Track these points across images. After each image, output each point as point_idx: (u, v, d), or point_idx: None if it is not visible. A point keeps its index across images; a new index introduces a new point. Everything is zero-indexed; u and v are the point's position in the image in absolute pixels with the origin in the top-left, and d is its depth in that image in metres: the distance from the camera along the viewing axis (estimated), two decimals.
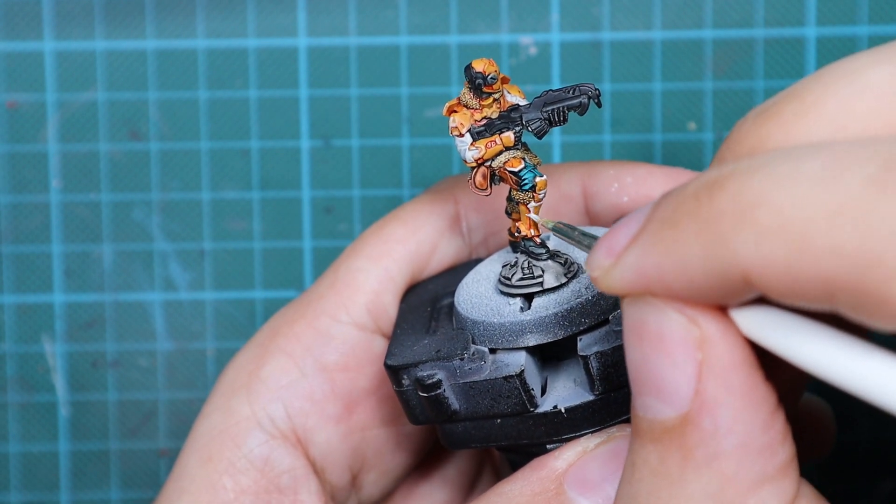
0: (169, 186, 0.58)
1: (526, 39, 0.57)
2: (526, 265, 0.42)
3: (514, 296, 0.42)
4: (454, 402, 0.42)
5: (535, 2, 0.57)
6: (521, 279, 0.42)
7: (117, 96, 0.57)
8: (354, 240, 0.48)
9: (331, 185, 0.58)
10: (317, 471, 0.46)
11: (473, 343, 0.42)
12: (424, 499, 0.50)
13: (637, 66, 0.57)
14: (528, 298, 0.42)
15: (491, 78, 0.41)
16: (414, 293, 0.47)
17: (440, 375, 0.41)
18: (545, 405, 0.41)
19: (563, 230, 0.40)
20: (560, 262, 0.42)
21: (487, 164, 0.42)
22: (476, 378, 0.41)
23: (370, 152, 0.58)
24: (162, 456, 0.59)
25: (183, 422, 0.59)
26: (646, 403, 0.33)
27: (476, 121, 0.42)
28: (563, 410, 0.41)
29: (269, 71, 0.57)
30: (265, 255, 0.58)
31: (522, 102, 0.42)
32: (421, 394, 0.41)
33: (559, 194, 0.47)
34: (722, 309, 0.32)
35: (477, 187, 0.42)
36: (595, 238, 0.38)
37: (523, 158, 0.42)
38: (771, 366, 0.33)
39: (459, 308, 0.43)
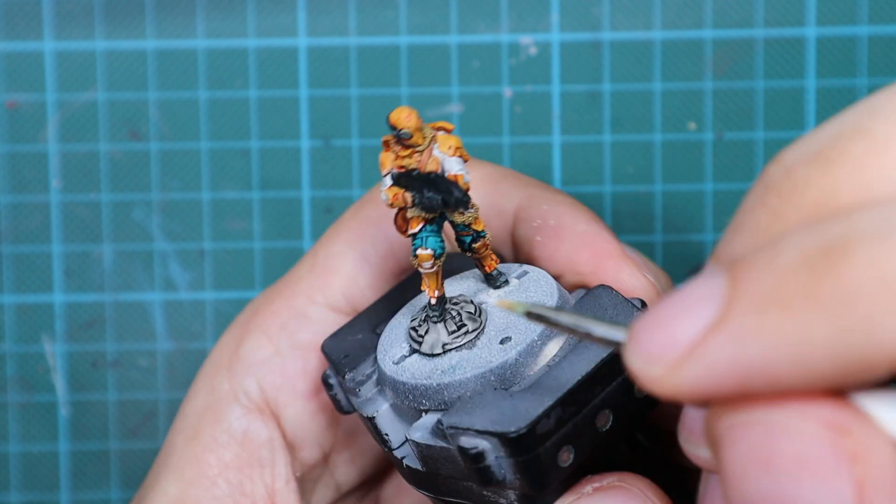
0: (169, 186, 0.58)
1: (526, 39, 0.57)
2: (421, 319, 0.41)
3: (409, 341, 0.41)
4: (344, 403, 0.43)
5: (535, 2, 0.57)
6: (412, 329, 0.41)
7: (117, 96, 0.57)
8: (334, 223, 0.48)
9: (331, 185, 0.58)
10: (288, 444, 0.47)
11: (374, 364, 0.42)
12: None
13: (637, 66, 0.57)
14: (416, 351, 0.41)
15: (403, 133, 0.38)
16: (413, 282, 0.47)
17: (333, 380, 0.43)
18: (399, 450, 0.41)
19: (538, 316, 0.33)
20: (448, 330, 0.40)
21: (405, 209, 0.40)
22: (350, 397, 0.43)
23: (370, 152, 0.58)
24: None
25: None
26: None
27: (398, 166, 0.39)
28: (404, 465, 0.41)
29: (269, 71, 0.57)
30: (265, 255, 0.58)
31: (448, 160, 0.39)
32: (325, 389, 0.44)
33: (495, 206, 0.46)
34: (853, 406, 0.27)
35: (397, 228, 0.40)
36: (585, 321, 0.31)
37: (425, 220, 0.40)
38: None
39: (382, 329, 0.43)
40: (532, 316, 0.33)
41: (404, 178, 0.38)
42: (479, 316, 0.40)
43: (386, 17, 0.57)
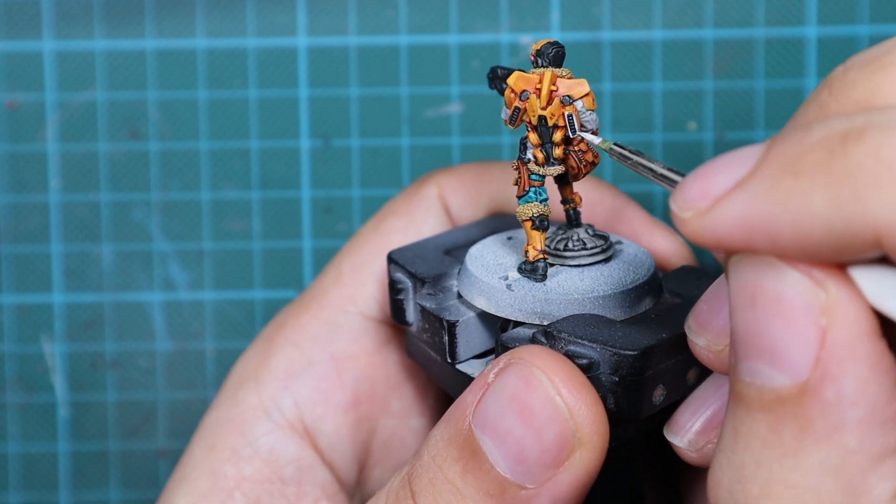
0: (169, 186, 0.58)
1: (526, 39, 0.57)
2: (575, 237, 0.43)
3: (550, 255, 0.43)
4: (410, 315, 0.44)
5: (535, 2, 0.57)
6: (562, 246, 0.43)
7: (117, 96, 0.57)
8: (352, 236, 0.49)
9: (330, 185, 0.58)
10: (326, 462, 0.46)
11: (458, 285, 0.43)
12: None
13: (637, 66, 0.57)
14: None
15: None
16: (499, 219, 0.49)
17: (406, 286, 0.44)
18: (464, 365, 0.42)
19: (620, 153, 0.38)
20: (573, 248, 0.43)
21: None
22: (427, 304, 0.43)
23: (370, 152, 0.58)
24: (161, 456, 0.59)
25: (182, 422, 0.59)
26: (754, 369, 0.31)
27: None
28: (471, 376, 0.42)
29: (269, 71, 0.57)
30: (265, 255, 0.58)
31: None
32: (389, 291, 0.45)
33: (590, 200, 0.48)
34: (842, 270, 0.30)
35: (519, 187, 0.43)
36: (656, 163, 0.37)
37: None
38: (888, 333, 0.31)
39: (471, 249, 0.44)
40: (614, 152, 0.38)
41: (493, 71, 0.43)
42: (598, 248, 0.43)
43: (386, 16, 0.57)
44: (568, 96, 0.41)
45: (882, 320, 0.31)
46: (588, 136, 0.40)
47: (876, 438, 0.30)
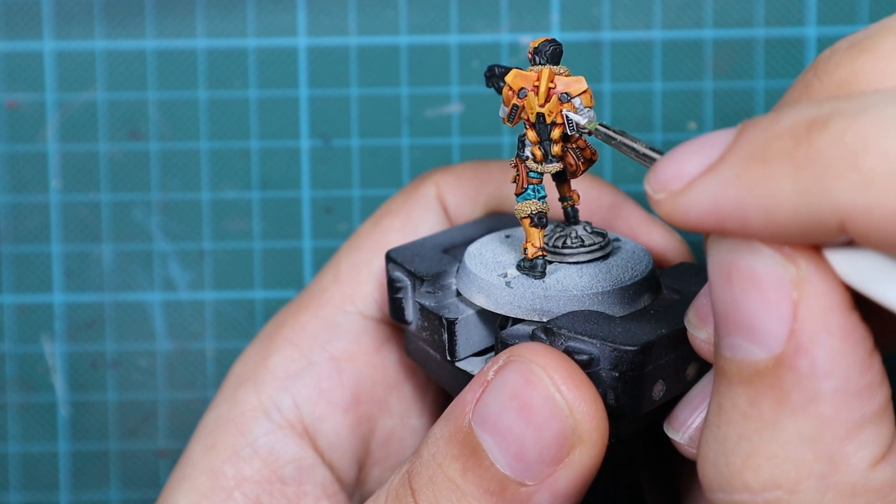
0: (169, 186, 0.58)
1: (526, 39, 0.57)
2: (574, 235, 0.43)
3: (548, 252, 0.43)
4: (409, 314, 0.44)
5: (535, 2, 0.57)
6: (561, 243, 0.43)
7: (117, 96, 0.57)
8: (351, 236, 0.49)
9: (331, 185, 0.58)
10: (326, 462, 0.46)
11: (456, 283, 0.44)
12: None
13: (637, 66, 0.57)
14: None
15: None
16: (496, 219, 0.49)
17: (405, 285, 0.44)
18: (463, 363, 0.43)
19: (605, 133, 0.39)
20: (572, 245, 0.43)
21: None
22: (426, 303, 0.43)
23: (370, 152, 0.58)
24: (161, 456, 0.59)
25: (183, 422, 0.59)
26: (734, 344, 0.32)
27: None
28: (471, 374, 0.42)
29: (269, 71, 0.57)
30: (265, 255, 0.58)
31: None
32: (387, 290, 0.45)
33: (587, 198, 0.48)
34: (815, 248, 0.31)
35: (518, 184, 0.43)
36: (638, 143, 0.38)
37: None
38: (865, 309, 0.32)
39: (457, 251, 0.45)
40: (599, 133, 0.39)
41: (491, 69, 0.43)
42: (596, 245, 0.43)
43: (386, 16, 0.57)
44: (566, 93, 0.41)
45: (855, 294, 0.31)
46: (574, 116, 0.41)
47: (851, 408, 0.31)
